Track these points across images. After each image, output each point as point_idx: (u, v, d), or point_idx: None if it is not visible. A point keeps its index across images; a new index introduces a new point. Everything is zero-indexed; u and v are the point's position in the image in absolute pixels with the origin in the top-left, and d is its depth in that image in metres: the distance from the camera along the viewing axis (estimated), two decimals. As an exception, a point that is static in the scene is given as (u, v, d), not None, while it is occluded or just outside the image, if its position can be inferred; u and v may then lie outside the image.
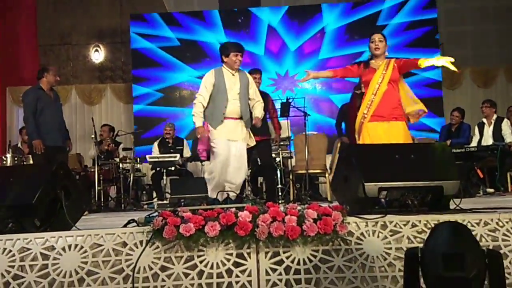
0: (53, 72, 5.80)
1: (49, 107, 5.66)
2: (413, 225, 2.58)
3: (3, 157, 6.17)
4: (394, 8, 9.46)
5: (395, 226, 2.58)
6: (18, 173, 2.98)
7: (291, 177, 6.73)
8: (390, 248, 2.53)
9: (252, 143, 4.92)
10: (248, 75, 5.00)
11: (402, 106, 4.35)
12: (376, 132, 4.25)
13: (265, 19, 9.59)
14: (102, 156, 7.40)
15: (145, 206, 6.84)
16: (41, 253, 2.49)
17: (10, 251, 2.49)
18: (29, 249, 2.50)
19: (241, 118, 4.75)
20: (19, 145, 7.79)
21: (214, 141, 4.64)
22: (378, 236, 2.56)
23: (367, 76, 4.44)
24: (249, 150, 4.99)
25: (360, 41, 9.28)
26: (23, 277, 2.45)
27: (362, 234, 2.57)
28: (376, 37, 4.45)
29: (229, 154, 4.64)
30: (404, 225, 2.59)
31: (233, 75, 4.77)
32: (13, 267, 2.46)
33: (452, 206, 2.99)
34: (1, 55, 9.41)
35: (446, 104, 9.10)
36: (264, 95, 5.68)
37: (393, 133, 4.19)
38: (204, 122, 4.73)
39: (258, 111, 4.88)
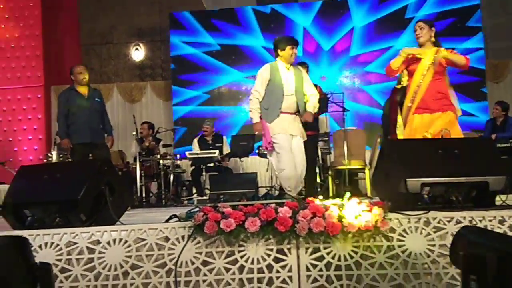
0: (77, 71, 5.87)
1: (80, 106, 5.79)
2: (458, 222, 2.52)
3: (49, 154, 6.37)
4: (421, 1, 9.36)
5: (438, 222, 2.53)
6: (64, 169, 3.07)
7: (330, 172, 6.68)
8: (434, 245, 2.48)
9: (305, 138, 4.90)
10: (302, 68, 4.96)
11: (448, 95, 4.23)
12: (421, 124, 4.16)
13: (299, 22, 9.66)
14: (143, 153, 7.54)
15: (185, 202, 6.93)
16: (87, 247, 2.56)
17: (58, 245, 2.57)
18: (75, 243, 2.57)
19: (296, 113, 4.73)
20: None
21: (274, 136, 4.62)
22: (421, 233, 2.51)
23: (413, 66, 4.34)
24: None
25: (389, 36, 9.32)
26: (70, 270, 2.53)
27: (404, 230, 2.52)
28: (417, 25, 4.37)
29: (291, 147, 4.62)
30: (448, 221, 2.53)
31: (288, 69, 4.75)
32: (60, 260, 2.54)
33: (498, 202, 2.91)
34: (45, 55, 9.72)
35: (490, 97, 8.84)
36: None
37: (439, 125, 4.09)
38: (261, 117, 4.72)
39: (311, 105, 4.81)
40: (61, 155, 6.28)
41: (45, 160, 6.67)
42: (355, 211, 2.50)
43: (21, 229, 2.73)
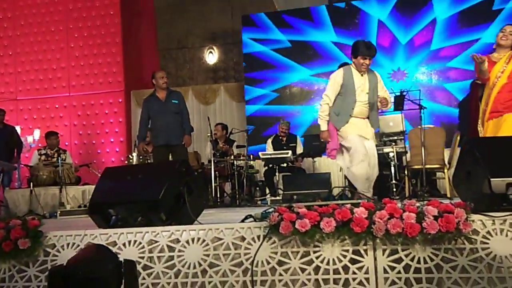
0: (158, 76, 6.22)
1: (159, 111, 6.13)
2: (547, 224, 2.38)
3: (130, 156, 6.66)
4: None
5: (526, 224, 2.40)
6: (145, 171, 3.20)
7: (406, 172, 6.49)
8: (521, 248, 2.35)
9: (376, 141, 4.83)
10: (377, 73, 4.85)
11: None
12: (494, 128, 4.08)
13: (374, 14, 9.38)
14: (218, 154, 7.69)
15: (259, 202, 6.99)
16: (167, 246, 2.66)
17: (140, 243, 2.69)
18: (156, 242, 2.68)
19: (367, 118, 4.67)
20: (144, 145, 8.33)
21: (347, 139, 4.57)
22: (506, 235, 2.39)
23: (488, 69, 4.22)
24: None
25: (475, 28, 8.79)
26: (152, 267, 2.63)
27: (488, 232, 2.41)
28: (508, 28, 4.24)
29: (365, 147, 4.57)
30: (537, 223, 2.39)
31: (362, 75, 4.68)
32: (142, 258, 2.65)
33: None
34: (125, 61, 10.17)
35: None
36: None
37: (509, 125, 3.97)
38: (329, 122, 4.69)
39: (385, 96, 4.73)
40: (141, 157, 6.55)
41: (126, 162, 6.98)
42: (436, 212, 2.42)
43: (106, 228, 2.88)
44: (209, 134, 7.33)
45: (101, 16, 10.25)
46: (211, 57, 10.92)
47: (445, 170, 6.30)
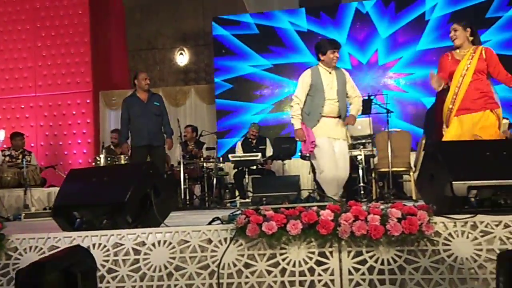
0: (141, 77, 6.25)
1: (141, 112, 6.13)
2: (506, 226, 2.45)
3: (97, 158, 6.57)
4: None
5: (486, 226, 2.46)
6: (111, 173, 3.16)
7: (373, 175, 6.59)
8: (481, 250, 2.41)
9: (350, 141, 4.86)
10: (345, 71, 4.90)
11: (493, 95, 4.14)
12: (463, 126, 4.10)
13: (354, 3, 9.21)
14: (187, 156, 7.66)
15: (228, 204, 6.99)
16: (133, 249, 2.63)
17: (105, 246, 2.65)
18: (122, 245, 2.65)
19: (339, 117, 4.71)
20: (111, 146, 8.24)
21: (316, 140, 4.60)
22: (467, 237, 2.45)
23: (452, 68, 4.26)
24: None
25: (411, 39, 8.82)
26: (116, 271, 2.60)
27: (450, 234, 2.47)
28: (451, 28, 4.30)
29: (333, 150, 4.60)
30: (496, 225, 2.46)
31: (330, 73, 4.72)
32: (107, 261, 2.62)
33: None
34: (94, 62, 10.02)
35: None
36: None
37: (482, 125, 4.03)
38: (302, 122, 4.71)
39: (355, 107, 4.78)
40: (108, 159, 6.47)
41: (93, 164, 6.88)
42: (399, 215, 2.47)
43: (70, 231, 2.83)
44: (178, 136, 7.29)
45: (69, 15, 10.08)
46: (182, 58, 10.86)
47: (411, 173, 6.42)
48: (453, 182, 2.58)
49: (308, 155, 5.09)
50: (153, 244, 2.62)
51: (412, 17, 9.02)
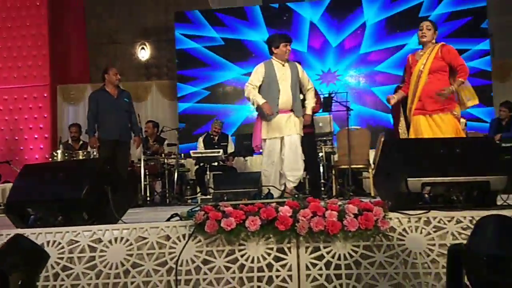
0: (113, 72, 6.22)
1: (111, 106, 6.12)
2: (458, 221, 2.53)
3: (54, 153, 6.42)
4: (435, 1, 9.20)
5: (439, 222, 2.53)
6: (67, 168, 3.09)
7: (333, 172, 6.68)
8: (434, 245, 2.48)
9: (301, 133, 4.92)
10: (297, 64, 4.99)
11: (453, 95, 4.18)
12: (420, 125, 4.16)
13: (307, 16, 9.58)
14: (148, 152, 7.57)
15: (189, 201, 6.94)
16: (88, 246, 2.59)
17: (60, 243, 2.60)
18: (77, 242, 2.60)
19: (291, 110, 4.76)
20: (69, 141, 8.06)
21: (264, 141, 4.71)
22: (421, 232, 2.52)
23: (412, 68, 4.34)
24: None
25: (401, 34, 9.19)
26: (71, 268, 2.55)
27: (404, 230, 2.53)
28: (424, 24, 4.32)
29: (281, 150, 4.69)
30: (449, 221, 2.53)
31: (283, 65, 4.78)
32: (62, 258, 2.56)
33: (499, 202, 2.90)
34: (52, 55, 9.76)
35: (496, 97, 8.78)
36: None
37: (438, 126, 4.09)
38: (258, 116, 4.76)
39: (309, 104, 4.89)
40: (66, 154, 6.33)
41: (50, 159, 6.71)
42: (356, 210, 2.51)
43: (24, 228, 2.76)
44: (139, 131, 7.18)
45: (27, 6, 9.79)
46: (143, 53, 10.70)
47: (370, 170, 6.54)
48: (408, 179, 2.64)
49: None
50: (110, 241, 2.58)
51: (355, 26, 9.48)
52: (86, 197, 2.68)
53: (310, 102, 4.90)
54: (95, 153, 6.20)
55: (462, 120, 6.82)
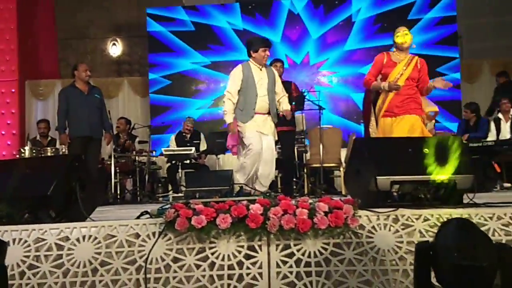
0: (82, 68, 6.14)
1: (81, 103, 6.06)
2: (425, 219, 2.57)
3: (22, 150, 6.27)
4: (427, 2, 9.04)
5: (407, 220, 2.57)
6: (34, 165, 3.04)
7: (305, 170, 6.72)
8: (402, 242, 2.52)
9: (276, 137, 4.95)
10: (274, 69, 5.02)
11: (417, 99, 4.31)
12: (388, 127, 4.25)
13: (287, 4, 9.31)
14: (119, 149, 7.48)
15: (161, 199, 6.89)
16: (56, 244, 2.54)
17: (26, 241, 2.54)
18: (44, 240, 2.55)
19: (268, 113, 4.78)
20: (37, 137, 7.90)
21: (246, 136, 4.66)
22: (389, 230, 2.55)
23: (387, 69, 4.40)
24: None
25: (390, 34, 9.09)
26: (38, 267, 2.50)
27: (373, 227, 2.56)
28: (401, 29, 4.40)
29: (262, 147, 4.67)
30: (416, 219, 2.58)
31: (260, 70, 4.78)
32: (28, 257, 2.51)
33: (465, 200, 2.97)
34: (20, 50, 9.53)
35: (464, 98, 8.97)
36: (288, 84, 5.73)
37: (405, 126, 4.15)
38: (234, 118, 4.75)
39: (286, 105, 4.93)
40: (34, 151, 6.19)
41: (17, 156, 6.55)
42: (326, 208, 2.53)
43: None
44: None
45: (-5, 0, 9.53)
46: (115, 49, 10.55)
47: (341, 169, 6.60)
48: (377, 177, 2.68)
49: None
50: (78, 239, 2.54)
51: (340, 19, 9.26)
52: (53, 194, 2.63)
53: (285, 105, 4.92)
54: (64, 150, 6.07)
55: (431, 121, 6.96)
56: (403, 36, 4.38)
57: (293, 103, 5.58)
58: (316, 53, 9.27)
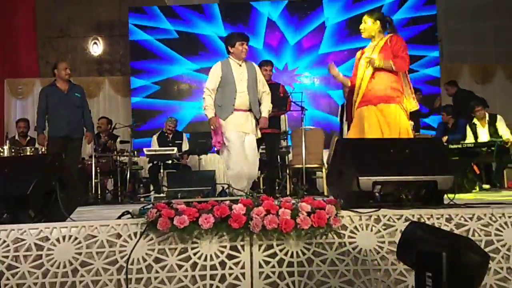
0: (62, 66, 6.11)
1: (60, 102, 6.02)
2: (407, 220, 2.59)
3: (0, 149, 6.17)
4: (395, 4, 9.37)
5: (388, 220, 2.59)
6: (13, 164, 2.98)
7: (288, 171, 6.74)
8: (383, 242, 2.53)
9: (258, 135, 4.92)
10: (255, 65, 4.97)
11: (399, 88, 4.05)
12: (363, 117, 4.05)
13: (265, 12, 9.53)
14: (100, 149, 7.41)
15: (142, 199, 6.85)
16: (35, 244, 2.50)
17: (5, 241, 2.49)
18: (23, 240, 2.50)
19: (250, 110, 4.74)
20: (16, 137, 7.78)
21: (226, 134, 4.62)
22: (371, 230, 2.57)
23: (361, 62, 4.28)
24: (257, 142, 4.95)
25: (361, 36, 9.28)
26: (17, 267, 2.45)
27: (355, 227, 2.57)
28: (365, 17, 4.25)
29: (243, 145, 4.62)
30: (398, 219, 2.59)
31: (240, 65, 4.75)
32: (7, 257, 2.46)
33: (446, 201, 3.00)
34: (0, 48, 9.40)
35: (444, 101, 9.09)
36: (276, 86, 5.72)
37: (382, 116, 3.98)
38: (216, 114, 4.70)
39: (265, 107, 4.85)
40: (13, 150, 6.10)
41: (-4, 155, 6.44)
42: (309, 209, 2.53)
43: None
44: (91, 128, 7.01)
45: (-27, -3, 9.38)
46: (96, 48, 10.45)
47: (323, 170, 6.64)
48: (359, 178, 2.69)
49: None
50: (57, 239, 2.50)
51: (314, 25, 9.55)
52: (32, 193, 2.59)
53: (266, 105, 4.87)
54: (43, 150, 6.01)
55: (410, 122, 7.02)
56: (361, 26, 4.23)
57: (276, 109, 5.53)
58: (294, 58, 9.53)
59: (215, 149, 5.18)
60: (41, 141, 6.02)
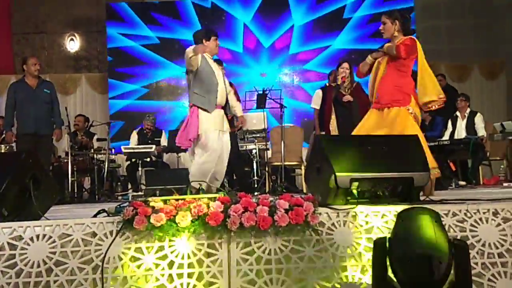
0: (31, 62, 5.97)
1: (28, 98, 5.87)
2: (383, 216, 2.61)
3: (-20, 147, 6.07)
4: (358, 2, 9.59)
5: (365, 216, 2.61)
6: (-15, 162, 2.91)
7: (267, 169, 6.74)
8: (361, 238, 2.55)
9: (229, 130, 4.88)
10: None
11: (406, 89, 4.00)
12: (370, 119, 4.05)
13: (239, 17, 9.65)
14: (76, 147, 7.30)
15: (120, 197, 6.77)
16: (8, 243, 2.45)
17: (-24, 241, 2.44)
18: (-5, 239, 2.45)
19: (223, 107, 4.68)
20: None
21: (204, 134, 4.48)
22: (348, 227, 2.58)
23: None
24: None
25: (327, 35, 9.54)
26: (-11, 267, 2.40)
27: (333, 224, 2.58)
28: (382, 18, 4.12)
29: (220, 145, 4.55)
30: (375, 215, 2.61)
31: (213, 61, 4.71)
32: (-21, 257, 2.41)
33: (422, 197, 3.03)
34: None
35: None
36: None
37: (387, 120, 3.95)
38: (194, 107, 4.52)
39: (238, 107, 4.87)
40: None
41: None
42: (287, 206, 2.53)
43: None
44: (67, 126, 6.90)
45: None
46: (73, 44, 10.29)
47: (302, 167, 6.66)
48: (337, 174, 2.70)
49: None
50: (31, 238, 2.46)
51: (285, 27, 9.67)
52: (5, 192, 2.54)
53: (238, 105, 4.87)
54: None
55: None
56: (381, 27, 4.12)
57: None
58: (268, 60, 9.65)
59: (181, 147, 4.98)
60: (9, 139, 5.91)
